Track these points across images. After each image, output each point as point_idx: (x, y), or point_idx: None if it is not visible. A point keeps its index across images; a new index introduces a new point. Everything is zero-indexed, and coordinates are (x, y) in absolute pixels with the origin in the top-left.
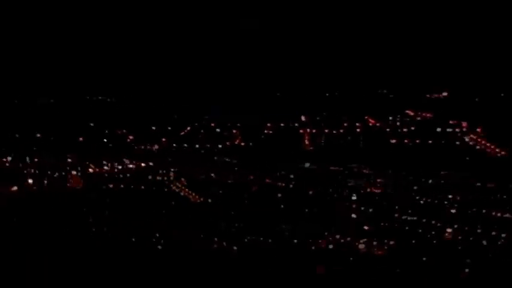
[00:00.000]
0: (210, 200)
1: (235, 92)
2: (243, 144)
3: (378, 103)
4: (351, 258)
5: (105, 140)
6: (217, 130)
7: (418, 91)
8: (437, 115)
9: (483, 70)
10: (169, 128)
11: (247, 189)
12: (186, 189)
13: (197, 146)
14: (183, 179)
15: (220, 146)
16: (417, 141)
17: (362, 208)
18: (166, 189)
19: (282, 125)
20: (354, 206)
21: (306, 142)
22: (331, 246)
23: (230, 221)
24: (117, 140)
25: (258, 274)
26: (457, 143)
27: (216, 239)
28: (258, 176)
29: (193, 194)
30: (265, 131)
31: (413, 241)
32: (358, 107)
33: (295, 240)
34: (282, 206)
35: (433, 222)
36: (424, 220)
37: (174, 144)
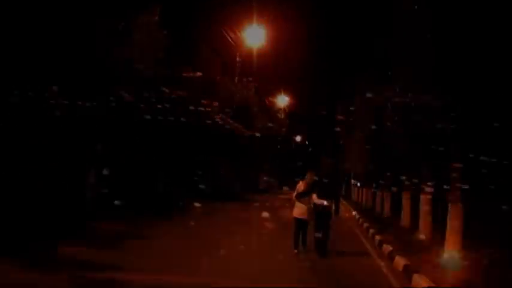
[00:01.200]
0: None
1: None
2: None
3: (133, 79)
4: None
5: None
6: None
7: (175, 71)
8: (191, 94)
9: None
10: None
11: None
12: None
13: None
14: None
15: None
16: (171, 118)
17: None
18: None
19: (30, 94)
20: None
21: (58, 114)
22: None
23: None
24: None
25: None
26: (208, 121)
27: None
28: None
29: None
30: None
31: None
32: (114, 83)
33: None
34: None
35: None
36: None
37: None
